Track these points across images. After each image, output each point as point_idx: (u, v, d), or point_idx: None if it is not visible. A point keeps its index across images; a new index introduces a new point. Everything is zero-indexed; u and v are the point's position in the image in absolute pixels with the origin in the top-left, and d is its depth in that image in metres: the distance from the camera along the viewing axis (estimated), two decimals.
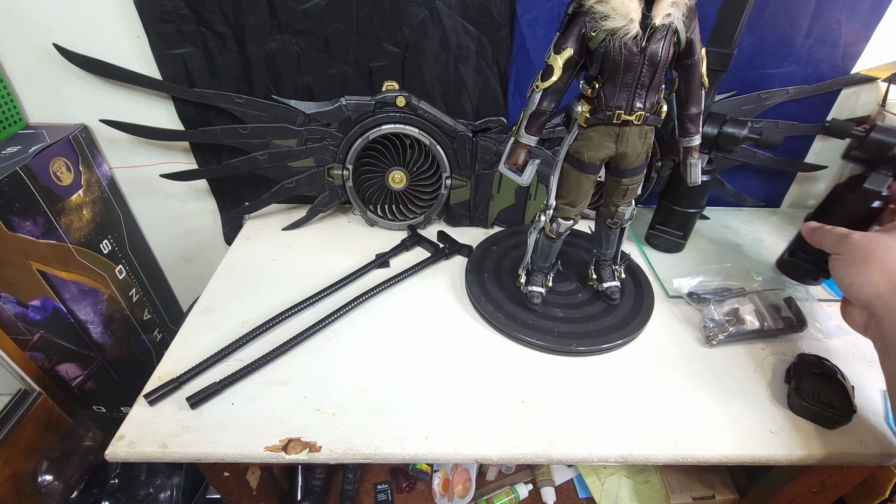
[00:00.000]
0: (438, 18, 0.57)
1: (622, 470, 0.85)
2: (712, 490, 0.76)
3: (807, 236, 0.50)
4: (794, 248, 0.58)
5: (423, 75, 0.61)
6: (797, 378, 0.45)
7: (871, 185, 0.49)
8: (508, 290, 0.56)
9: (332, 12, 0.56)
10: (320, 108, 0.60)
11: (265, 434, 0.41)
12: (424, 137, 0.62)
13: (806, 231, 0.50)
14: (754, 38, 0.59)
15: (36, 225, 0.57)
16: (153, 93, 0.61)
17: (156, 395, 0.43)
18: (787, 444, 0.42)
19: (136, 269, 0.75)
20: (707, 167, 0.59)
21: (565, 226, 0.48)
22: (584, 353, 0.50)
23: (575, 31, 0.38)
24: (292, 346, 0.49)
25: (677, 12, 0.36)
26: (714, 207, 0.76)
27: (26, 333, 0.62)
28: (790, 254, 0.58)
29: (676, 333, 0.53)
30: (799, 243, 0.57)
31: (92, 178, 0.65)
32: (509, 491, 0.83)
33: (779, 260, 0.61)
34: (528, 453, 0.41)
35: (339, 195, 0.67)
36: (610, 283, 0.55)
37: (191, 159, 0.67)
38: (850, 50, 0.61)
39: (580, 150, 0.43)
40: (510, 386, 0.47)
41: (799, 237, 0.56)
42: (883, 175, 0.48)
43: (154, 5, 0.54)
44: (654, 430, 0.43)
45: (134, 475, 0.71)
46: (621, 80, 0.39)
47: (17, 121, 0.61)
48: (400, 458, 0.41)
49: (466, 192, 0.67)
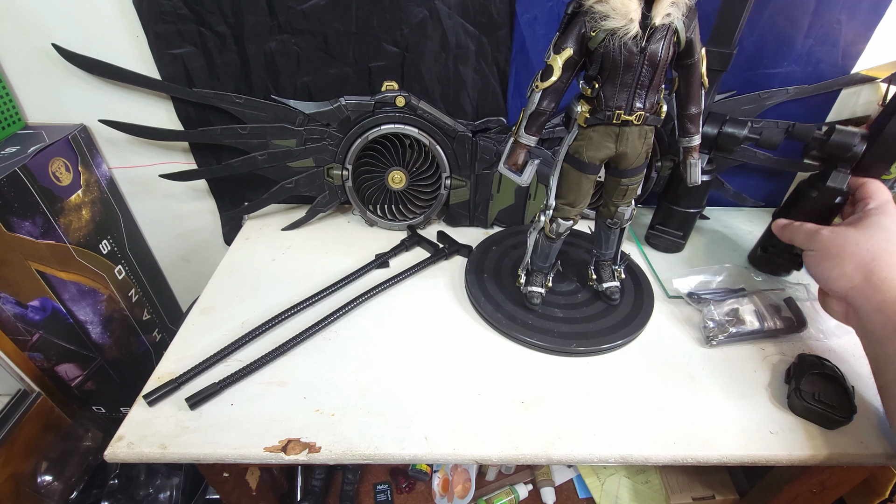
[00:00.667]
0: (438, 18, 0.57)
1: (622, 470, 0.85)
2: (712, 490, 0.76)
3: (777, 233, 0.52)
4: (765, 243, 0.61)
5: (422, 75, 0.61)
6: (797, 378, 0.45)
7: (833, 184, 0.52)
8: (508, 291, 0.55)
9: (331, 12, 0.56)
10: (320, 108, 0.60)
11: (264, 435, 0.41)
12: (424, 137, 0.62)
13: (776, 228, 0.53)
14: (754, 38, 0.59)
15: (35, 225, 0.57)
16: (152, 93, 0.61)
17: (155, 396, 0.43)
18: (787, 445, 0.42)
19: (136, 269, 0.75)
20: (707, 167, 0.59)
21: (565, 226, 0.48)
22: (583, 354, 0.50)
23: (574, 30, 0.38)
24: (292, 346, 0.49)
25: (677, 12, 0.36)
26: (714, 207, 0.76)
27: (25, 334, 0.62)
28: (762, 249, 0.61)
29: (676, 334, 0.53)
30: (769, 238, 0.60)
31: (91, 179, 0.65)
32: (509, 491, 0.83)
33: (750, 254, 0.64)
34: (527, 454, 0.41)
35: (338, 195, 0.67)
36: (610, 283, 0.54)
37: (190, 159, 0.67)
38: (850, 50, 0.61)
39: (580, 150, 0.43)
40: (510, 386, 0.46)
41: (769, 232, 0.59)
42: (843, 173, 0.51)
43: (153, 5, 0.54)
44: (654, 430, 0.43)
45: (133, 476, 0.71)
46: (621, 80, 0.39)
47: (16, 121, 0.61)
48: (399, 459, 0.41)
49: (466, 193, 0.67)
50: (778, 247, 0.59)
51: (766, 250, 0.61)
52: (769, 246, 0.60)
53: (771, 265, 0.61)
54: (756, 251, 0.62)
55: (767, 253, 0.60)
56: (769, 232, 0.59)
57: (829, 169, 0.52)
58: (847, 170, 0.51)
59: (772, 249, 0.60)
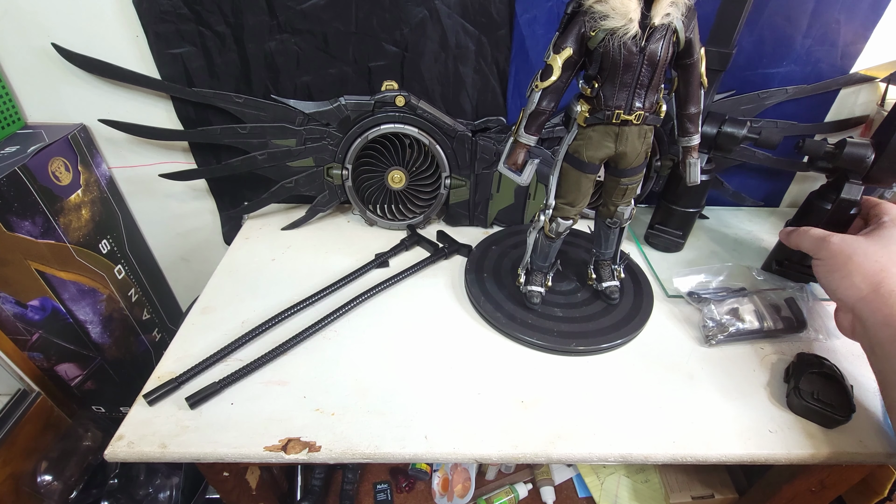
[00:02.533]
0: (437, 18, 0.57)
1: (621, 469, 0.85)
2: (711, 489, 0.76)
3: (784, 240, 0.51)
4: (780, 256, 0.60)
5: (422, 75, 0.61)
6: (796, 377, 0.45)
7: (847, 195, 0.51)
8: (508, 290, 0.56)
9: (331, 12, 0.56)
10: (319, 107, 0.60)
11: (264, 434, 0.41)
12: (424, 137, 0.62)
13: (783, 235, 0.52)
14: (753, 38, 0.59)
15: (35, 225, 0.57)
16: (152, 92, 0.61)
17: (155, 395, 0.43)
18: (786, 444, 0.42)
19: (136, 268, 0.75)
20: (706, 167, 0.59)
21: (565, 225, 0.48)
22: (583, 353, 0.50)
23: (574, 30, 0.38)
24: (292, 345, 0.49)
25: (676, 12, 0.36)
26: (713, 207, 0.76)
27: (25, 333, 0.62)
28: (777, 262, 0.60)
29: (676, 333, 0.53)
30: (783, 251, 0.58)
31: (91, 178, 0.65)
32: (509, 490, 0.83)
33: (764, 265, 0.62)
34: (527, 453, 0.41)
35: (338, 195, 0.67)
36: (609, 282, 0.55)
37: (190, 159, 0.67)
38: (849, 49, 0.61)
39: (579, 149, 0.43)
40: (509, 385, 0.47)
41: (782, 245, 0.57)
42: (856, 185, 0.51)
43: (153, 5, 0.54)
44: (654, 429, 0.43)
45: (133, 475, 0.71)
46: (620, 79, 0.39)
47: (16, 120, 0.61)
48: (399, 458, 0.41)
49: (466, 192, 0.67)
50: (792, 259, 0.57)
51: (781, 264, 0.59)
52: (784, 259, 0.59)
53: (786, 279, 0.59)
54: (770, 264, 0.61)
55: (783, 267, 0.59)
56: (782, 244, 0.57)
57: (840, 180, 0.52)
58: (859, 180, 0.50)
59: (787, 263, 0.58)
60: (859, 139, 0.50)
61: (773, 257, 0.61)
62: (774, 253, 0.61)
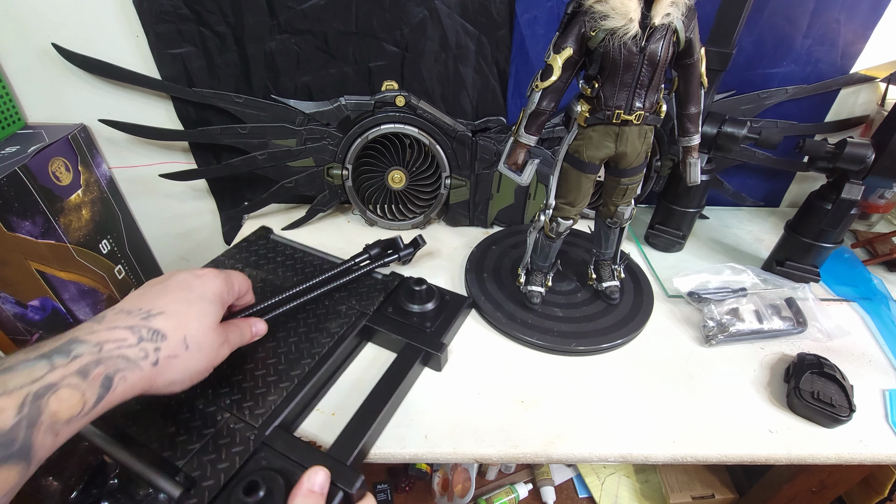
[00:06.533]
0: (438, 18, 0.57)
1: (622, 469, 0.85)
2: (712, 489, 0.76)
3: None
4: (780, 256, 0.59)
5: (422, 75, 0.61)
6: (796, 377, 0.45)
7: (848, 195, 0.51)
8: (508, 290, 0.56)
9: (331, 12, 0.56)
10: (319, 107, 0.60)
11: None
12: (424, 137, 0.62)
13: None
14: (753, 38, 0.59)
15: (35, 225, 0.57)
16: (152, 92, 0.61)
17: None
18: (787, 444, 0.42)
19: (136, 269, 0.75)
20: (706, 167, 0.59)
21: (565, 225, 0.48)
22: (583, 353, 0.50)
23: (574, 30, 0.38)
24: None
25: (676, 12, 0.36)
26: (713, 207, 0.76)
27: (25, 334, 0.62)
28: (777, 263, 0.60)
29: (676, 333, 0.53)
30: (784, 251, 0.58)
31: (91, 178, 0.65)
32: (509, 490, 0.83)
33: (764, 266, 0.62)
34: (527, 453, 0.41)
35: (338, 195, 0.67)
36: (609, 282, 0.55)
37: (190, 159, 0.67)
38: (849, 49, 0.61)
39: (580, 149, 0.43)
40: (509, 385, 0.47)
41: (782, 245, 0.57)
42: (857, 185, 0.51)
43: (153, 5, 0.54)
44: (654, 429, 0.43)
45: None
46: (621, 79, 0.39)
47: (16, 120, 0.61)
48: (399, 458, 0.41)
49: (466, 192, 0.67)
50: (794, 260, 0.58)
51: (781, 264, 0.59)
52: (784, 259, 0.59)
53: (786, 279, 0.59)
54: (771, 264, 0.61)
55: (783, 267, 0.59)
56: (783, 244, 0.58)
57: (840, 180, 0.52)
58: (859, 180, 0.51)
59: (788, 263, 0.58)
60: (859, 139, 0.50)
61: (773, 257, 0.61)
62: (774, 253, 0.61)
